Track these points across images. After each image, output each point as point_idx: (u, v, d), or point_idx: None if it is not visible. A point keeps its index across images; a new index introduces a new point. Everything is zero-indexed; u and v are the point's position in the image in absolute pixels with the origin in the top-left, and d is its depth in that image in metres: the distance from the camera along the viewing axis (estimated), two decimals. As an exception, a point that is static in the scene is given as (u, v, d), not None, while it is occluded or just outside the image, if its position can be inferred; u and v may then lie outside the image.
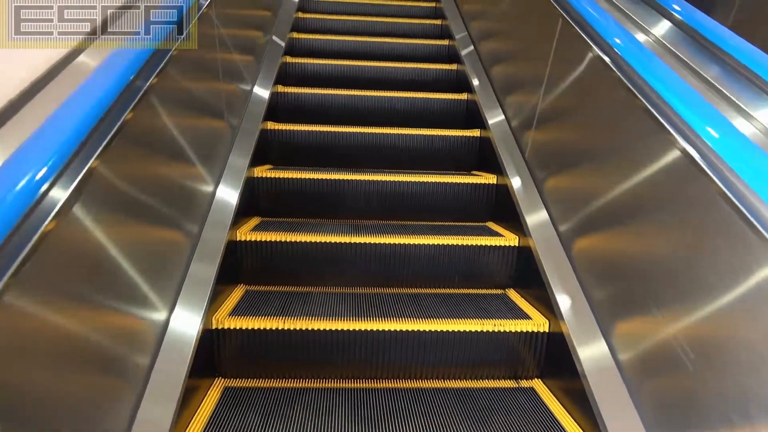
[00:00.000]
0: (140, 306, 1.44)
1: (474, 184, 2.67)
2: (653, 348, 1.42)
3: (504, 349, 1.96)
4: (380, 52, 3.96)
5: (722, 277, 1.16)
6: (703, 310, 1.24)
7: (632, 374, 1.49)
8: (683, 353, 1.28)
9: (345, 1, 4.76)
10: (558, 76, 2.19)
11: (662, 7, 1.81)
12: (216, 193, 2.17)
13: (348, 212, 2.67)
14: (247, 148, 2.53)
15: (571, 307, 1.80)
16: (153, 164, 1.60)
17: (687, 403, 1.25)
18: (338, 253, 2.27)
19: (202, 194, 2.04)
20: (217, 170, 2.23)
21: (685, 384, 1.27)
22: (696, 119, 1.31)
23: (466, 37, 3.85)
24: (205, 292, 1.76)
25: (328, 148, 3.00)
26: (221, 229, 2.03)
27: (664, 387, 1.36)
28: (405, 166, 2.95)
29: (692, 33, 1.65)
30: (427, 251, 2.28)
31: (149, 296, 1.48)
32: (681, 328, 1.31)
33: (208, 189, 2.11)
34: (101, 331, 1.23)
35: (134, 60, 1.37)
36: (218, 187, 2.20)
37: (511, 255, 2.29)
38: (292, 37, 3.96)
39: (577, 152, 1.99)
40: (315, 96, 3.32)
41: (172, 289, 1.65)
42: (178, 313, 1.63)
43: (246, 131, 2.64)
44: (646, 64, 1.57)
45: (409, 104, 3.32)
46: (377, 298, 2.16)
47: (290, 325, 1.88)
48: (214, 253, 1.92)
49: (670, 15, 1.77)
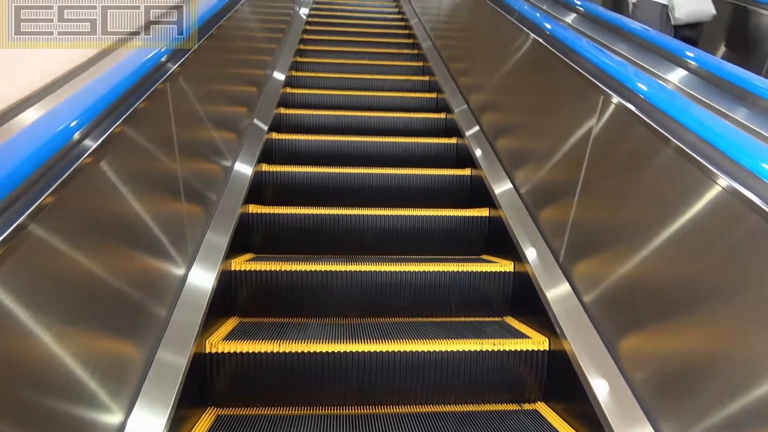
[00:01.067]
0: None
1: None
2: (664, 363, 1.40)
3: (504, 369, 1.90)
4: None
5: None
6: (716, 325, 1.23)
7: (645, 392, 1.45)
8: (697, 366, 1.26)
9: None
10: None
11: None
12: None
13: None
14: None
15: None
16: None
17: (710, 423, 1.21)
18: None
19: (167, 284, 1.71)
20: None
21: (705, 398, 1.23)
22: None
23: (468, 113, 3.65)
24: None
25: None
26: (185, 342, 1.63)
27: (681, 403, 1.31)
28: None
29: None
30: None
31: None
32: (692, 338, 1.30)
33: (179, 272, 1.81)
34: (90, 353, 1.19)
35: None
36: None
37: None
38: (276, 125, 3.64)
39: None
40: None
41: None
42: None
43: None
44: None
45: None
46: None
47: (286, 348, 1.83)
48: (175, 377, 1.51)
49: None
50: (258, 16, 3.75)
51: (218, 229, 2.17)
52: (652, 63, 2.24)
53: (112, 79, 1.36)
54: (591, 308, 1.77)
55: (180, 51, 1.85)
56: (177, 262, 1.79)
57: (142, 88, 1.49)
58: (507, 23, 2.97)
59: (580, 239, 1.94)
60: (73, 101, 1.23)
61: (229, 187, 2.47)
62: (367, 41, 5.52)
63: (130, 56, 1.54)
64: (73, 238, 1.14)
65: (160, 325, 1.60)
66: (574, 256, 1.95)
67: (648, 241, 1.50)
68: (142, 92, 1.48)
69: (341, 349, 1.85)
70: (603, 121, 1.83)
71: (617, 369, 1.56)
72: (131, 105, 1.39)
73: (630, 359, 1.54)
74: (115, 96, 1.31)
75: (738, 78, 1.81)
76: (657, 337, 1.46)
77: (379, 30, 6.17)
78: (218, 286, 1.94)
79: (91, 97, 1.24)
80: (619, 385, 1.52)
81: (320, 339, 1.88)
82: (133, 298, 1.46)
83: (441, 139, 3.54)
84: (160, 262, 1.68)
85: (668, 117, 1.47)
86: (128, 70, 1.43)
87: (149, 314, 1.55)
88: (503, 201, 2.54)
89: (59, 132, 1.10)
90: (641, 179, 1.58)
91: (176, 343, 1.59)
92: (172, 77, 1.74)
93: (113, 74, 1.40)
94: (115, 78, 1.37)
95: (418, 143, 3.47)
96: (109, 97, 1.29)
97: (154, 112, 1.65)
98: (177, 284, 1.76)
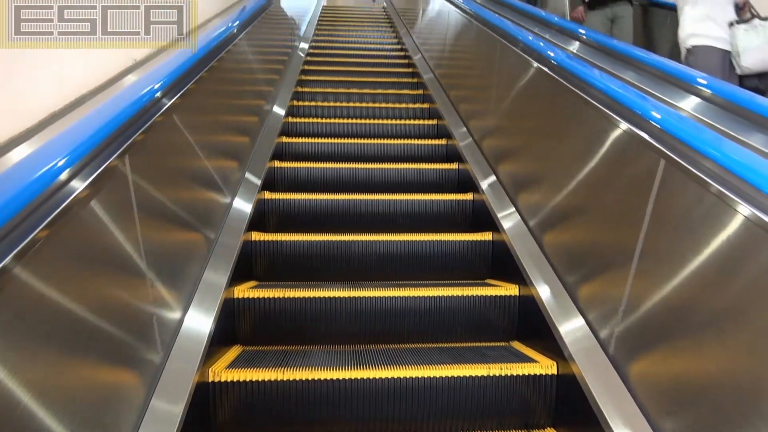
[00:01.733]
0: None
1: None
2: (678, 386, 1.37)
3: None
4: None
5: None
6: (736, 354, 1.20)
7: (658, 417, 1.42)
8: (713, 392, 1.24)
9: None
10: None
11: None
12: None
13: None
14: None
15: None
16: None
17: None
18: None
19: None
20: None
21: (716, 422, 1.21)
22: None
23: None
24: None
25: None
26: (188, 372, 1.61)
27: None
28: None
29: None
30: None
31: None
32: (710, 365, 1.27)
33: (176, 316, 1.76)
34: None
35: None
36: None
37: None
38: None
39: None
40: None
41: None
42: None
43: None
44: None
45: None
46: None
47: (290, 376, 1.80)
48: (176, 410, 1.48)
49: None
50: (253, 58, 3.69)
51: (218, 264, 2.14)
52: (659, 89, 2.23)
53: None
54: (599, 331, 1.75)
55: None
56: (176, 301, 1.78)
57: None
58: (512, 54, 2.99)
59: (587, 262, 1.93)
60: (63, 139, 1.23)
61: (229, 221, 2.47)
62: (369, 81, 5.20)
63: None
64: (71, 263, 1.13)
65: (161, 358, 1.58)
66: (581, 279, 1.94)
67: (659, 262, 1.49)
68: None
69: (346, 376, 1.82)
70: (610, 147, 1.83)
71: (627, 392, 1.53)
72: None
73: (641, 382, 1.51)
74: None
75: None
76: (669, 361, 1.43)
77: (383, 69, 5.75)
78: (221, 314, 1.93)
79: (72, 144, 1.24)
80: (630, 409, 1.49)
81: (325, 366, 1.86)
82: (133, 329, 1.45)
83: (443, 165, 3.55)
84: (161, 302, 1.67)
85: (679, 141, 1.46)
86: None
87: (150, 342, 1.53)
88: (507, 226, 2.53)
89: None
90: (647, 203, 1.57)
91: (178, 375, 1.57)
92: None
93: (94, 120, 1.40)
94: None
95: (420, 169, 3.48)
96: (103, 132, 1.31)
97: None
98: (176, 324, 1.74)
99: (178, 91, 1.85)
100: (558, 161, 2.30)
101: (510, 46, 2.99)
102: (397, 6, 8.33)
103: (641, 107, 1.70)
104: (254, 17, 3.63)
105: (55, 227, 1.07)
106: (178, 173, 1.99)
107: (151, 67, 2.00)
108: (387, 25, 8.41)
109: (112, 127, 1.36)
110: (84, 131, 1.31)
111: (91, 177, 1.22)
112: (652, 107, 1.69)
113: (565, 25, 3.54)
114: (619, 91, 1.85)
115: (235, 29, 2.99)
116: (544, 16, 3.87)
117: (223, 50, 2.65)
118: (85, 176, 1.21)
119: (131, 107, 1.50)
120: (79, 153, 1.21)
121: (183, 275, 1.85)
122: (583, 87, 2.07)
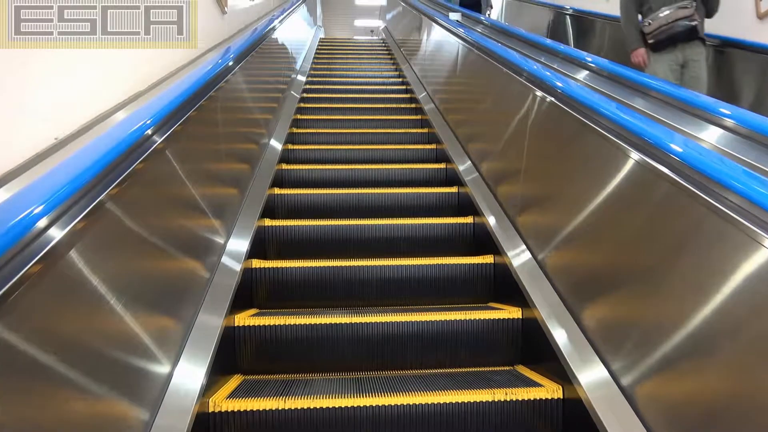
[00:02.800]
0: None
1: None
2: (689, 410, 1.35)
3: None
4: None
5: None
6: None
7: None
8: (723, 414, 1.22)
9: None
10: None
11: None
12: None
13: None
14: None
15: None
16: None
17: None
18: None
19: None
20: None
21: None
22: None
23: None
24: None
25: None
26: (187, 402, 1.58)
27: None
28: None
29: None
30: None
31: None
32: (719, 385, 1.25)
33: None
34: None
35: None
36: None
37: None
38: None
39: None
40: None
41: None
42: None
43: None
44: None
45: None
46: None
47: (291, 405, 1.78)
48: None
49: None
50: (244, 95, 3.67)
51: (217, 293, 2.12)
52: (670, 116, 2.22)
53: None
54: (605, 354, 1.72)
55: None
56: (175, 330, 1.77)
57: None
58: (515, 83, 2.98)
59: (591, 284, 1.92)
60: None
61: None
62: (370, 119, 4.99)
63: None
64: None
65: (161, 387, 1.55)
66: (584, 301, 1.92)
67: (665, 284, 1.48)
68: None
69: (348, 404, 1.79)
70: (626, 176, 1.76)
71: (634, 414, 1.50)
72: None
73: (648, 405, 1.48)
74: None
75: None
76: (677, 386, 1.41)
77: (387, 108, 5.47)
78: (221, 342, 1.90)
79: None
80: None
81: (326, 394, 1.83)
82: (132, 358, 1.43)
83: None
84: (159, 330, 1.65)
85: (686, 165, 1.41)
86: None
87: (148, 373, 1.51)
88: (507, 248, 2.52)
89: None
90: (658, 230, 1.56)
91: (177, 403, 1.55)
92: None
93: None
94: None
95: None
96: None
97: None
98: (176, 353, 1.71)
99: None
100: (563, 186, 2.30)
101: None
102: (396, 38, 8.37)
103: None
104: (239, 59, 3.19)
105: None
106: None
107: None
108: (387, 57, 8.39)
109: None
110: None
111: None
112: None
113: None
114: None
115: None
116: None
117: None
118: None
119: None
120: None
121: (182, 304, 1.84)
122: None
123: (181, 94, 2.05)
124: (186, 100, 2.06)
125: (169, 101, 1.92)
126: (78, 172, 1.23)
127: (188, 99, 2.09)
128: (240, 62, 3.15)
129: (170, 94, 2.02)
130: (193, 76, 2.33)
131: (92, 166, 1.28)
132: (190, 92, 2.14)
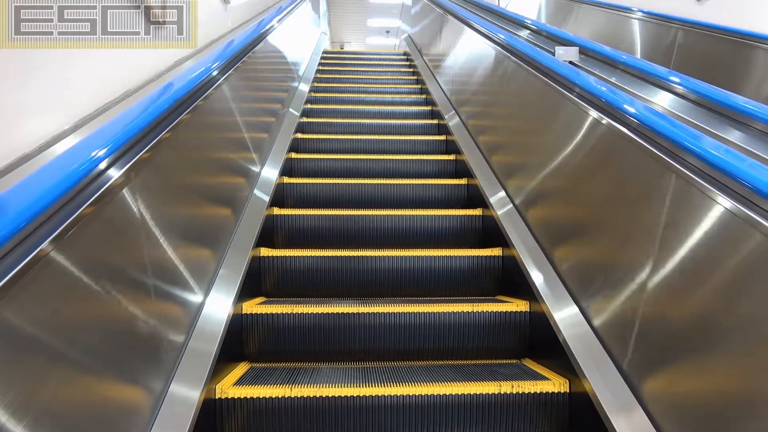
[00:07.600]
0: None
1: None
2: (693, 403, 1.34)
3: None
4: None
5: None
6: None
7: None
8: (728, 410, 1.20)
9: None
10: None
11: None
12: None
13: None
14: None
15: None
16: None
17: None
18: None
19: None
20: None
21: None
22: None
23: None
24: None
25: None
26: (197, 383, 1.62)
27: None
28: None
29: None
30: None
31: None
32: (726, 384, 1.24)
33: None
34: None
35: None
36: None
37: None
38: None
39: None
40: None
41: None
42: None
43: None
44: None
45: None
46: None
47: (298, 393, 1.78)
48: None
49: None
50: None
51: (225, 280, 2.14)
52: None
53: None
54: (611, 346, 1.71)
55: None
56: (184, 317, 1.77)
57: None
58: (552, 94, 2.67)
59: (599, 277, 1.90)
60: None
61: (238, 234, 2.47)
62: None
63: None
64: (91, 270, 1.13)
65: (168, 373, 1.56)
66: (592, 295, 1.90)
67: (674, 276, 1.46)
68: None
69: (355, 393, 1.80)
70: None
71: (641, 409, 1.50)
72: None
73: (655, 399, 1.48)
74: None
75: None
76: (683, 377, 1.40)
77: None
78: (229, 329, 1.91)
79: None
80: (644, 427, 1.45)
81: (333, 383, 1.84)
82: (139, 345, 1.44)
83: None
84: (168, 317, 1.66)
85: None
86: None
87: (158, 358, 1.52)
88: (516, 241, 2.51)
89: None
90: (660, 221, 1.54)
91: (185, 391, 1.56)
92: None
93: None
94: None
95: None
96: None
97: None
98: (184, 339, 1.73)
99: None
100: (571, 179, 2.27)
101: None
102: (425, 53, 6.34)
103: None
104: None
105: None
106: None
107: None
108: (412, 80, 6.20)
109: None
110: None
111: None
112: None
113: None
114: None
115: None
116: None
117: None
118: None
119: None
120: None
121: (191, 290, 1.85)
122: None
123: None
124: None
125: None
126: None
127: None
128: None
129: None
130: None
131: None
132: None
